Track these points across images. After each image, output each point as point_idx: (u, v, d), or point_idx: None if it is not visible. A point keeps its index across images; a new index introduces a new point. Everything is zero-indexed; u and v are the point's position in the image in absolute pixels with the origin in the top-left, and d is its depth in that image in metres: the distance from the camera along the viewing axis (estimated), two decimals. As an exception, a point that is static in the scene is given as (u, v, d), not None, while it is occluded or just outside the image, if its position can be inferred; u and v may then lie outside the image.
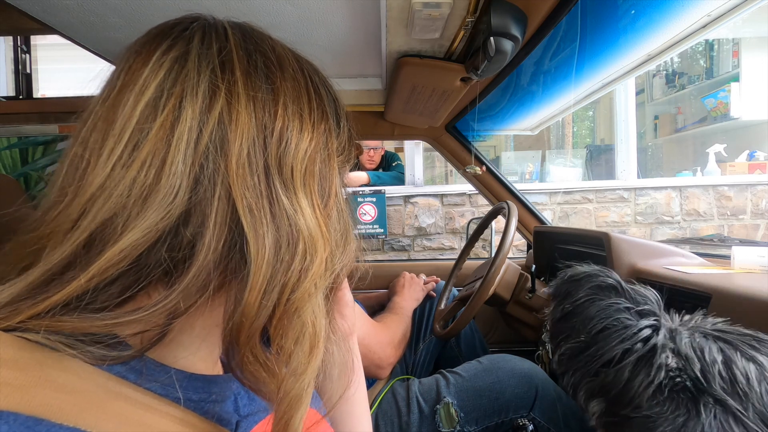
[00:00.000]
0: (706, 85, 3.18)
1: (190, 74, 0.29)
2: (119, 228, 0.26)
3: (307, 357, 0.30)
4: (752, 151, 2.89)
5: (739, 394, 0.33)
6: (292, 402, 0.28)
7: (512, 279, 1.12)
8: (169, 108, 0.28)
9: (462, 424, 0.85)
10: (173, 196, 0.27)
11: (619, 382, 0.38)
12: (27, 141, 2.35)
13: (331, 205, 0.34)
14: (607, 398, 0.39)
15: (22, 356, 0.23)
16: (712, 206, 2.70)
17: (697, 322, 0.42)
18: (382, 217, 2.39)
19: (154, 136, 0.27)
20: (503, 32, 0.62)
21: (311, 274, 0.30)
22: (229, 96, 0.29)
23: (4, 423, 0.20)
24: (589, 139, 3.70)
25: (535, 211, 1.44)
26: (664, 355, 0.37)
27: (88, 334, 0.26)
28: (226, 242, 0.28)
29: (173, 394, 0.29)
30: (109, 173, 0.27)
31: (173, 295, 0.27)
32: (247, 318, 0.28)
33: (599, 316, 0.42)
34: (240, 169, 0.28)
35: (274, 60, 0.33)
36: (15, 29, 1.49)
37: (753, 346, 0.36)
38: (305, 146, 0.31)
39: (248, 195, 0.28)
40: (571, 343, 0.45)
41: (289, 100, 0.31)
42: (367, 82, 1.10)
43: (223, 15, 0.35)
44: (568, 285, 0.49)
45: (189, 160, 0.27)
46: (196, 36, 0.31)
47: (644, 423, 0.35)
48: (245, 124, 0.29)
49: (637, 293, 0.45)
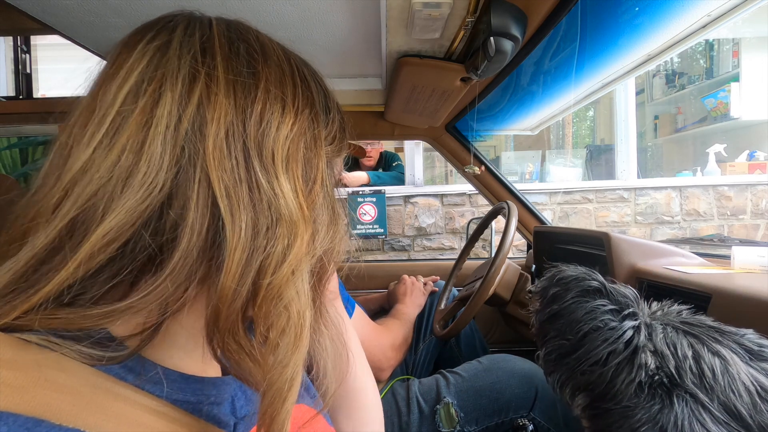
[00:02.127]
0: (706, 85, 3.18)
1: (171, 60, 0.29)
2: (101, 209, 0.26)
3: (291, 347, 0.29)
4: (752, 151, 2.89)
5: (706, 387, 0.36)
6: (276, 395, 0.28)
7: (512, 279, 1.12)
8: (149, 92, 0.28)
9: (462, 424, 0.85)
10: (153, 177, 0.27)
11: (604, 381, 0.41)
12: (27, 141, 2.35)
13: (317, 191, 0.34)
14: (591, 394, 0.42)
15: (21, 357, 0.23)
16: (712, 206, 2.70)
17: (666, 313, 0.45)
18: (382, 217, 2.39)
19: (134, 120, 0.27)
20: (503, 32, 0.62)
21: (291, 256, 0.30)
22: (208, 80, 0.29)
23: (4, 424, 0.20)
24: (589, 139, 3.70)
25: (535, 211, 1.44)
26: (643, 355, 0.40)
27: (83, 330, 0.26)
28: (210, 226, 0.28)
29: (171, 395, 0.29)
30: (90, 156, 0.27)
31: (160, 280, 0.27)
32: (224, 301, 0.27)
33: (585, 320, 0.45)
34: (217, 151, 0.28)
35: (257, 48, 0.33)
36: (15, 29, 1.49)
37: (716, 339, 0.39)
38: (287, 130, 0.31)
39: (225, 177, 0.28)
40: (558, 344, 0.47)
41: (271, 85, 0.31)
42: (367, 82, 1.10)
43: (223, 15, 0.35)
44: (555, 287, 0.51)
45: (169, 143, 0.28)
46: (180, 26, 0.31)
47: (623, 412, 0.38)
48: (223, 107, 0.29)
49: (618, 293, 0.47)
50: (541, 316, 0.51)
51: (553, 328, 0.48)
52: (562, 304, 0.48)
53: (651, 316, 0.44)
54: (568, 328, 0.46)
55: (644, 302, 0.47)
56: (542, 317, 0.50)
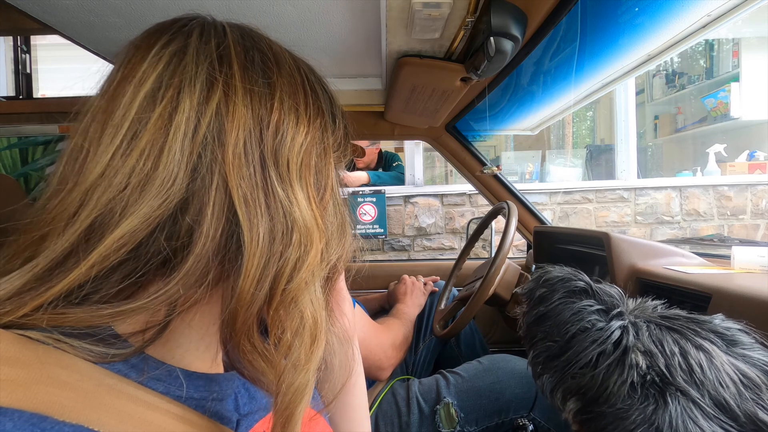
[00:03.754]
0: (706, 85, 3.18)
1: (188, 67, 0.29)
2: (118, 215, 0.26)
3: (308, 349, 0.30)
4: (752, 151, 2.89)
5: (696, 383, 0.36)
6: (296, 395, 0.29)
7: (512, 279, 1.12)
8: (167, 98, 0.28)
9: (462, 424, 0.85)
10: (170, 183, 0.27)
11: (596, 384, 0.40)
12: (27, 141, 2.35)
13: (327, 198, 0.35)
14: (583, 398, 0.41)
15: (24, 354, 0.23)
16: (712, 206, 2.70)
17: (643, 309, 0.44)
18: (382, 217, 2.39)
19: (153, 125, 0.28)
20: (503, 32, 0.62)
21: (307, 264, 0.30)
22: (226, 88, 0.30)
23: (9, 420, 0.20)
24: (589, 139, 3.70)
25: (535, 211, 1.44)
26: (633, 355, 0.39)
27: (91, 327, 0.26)
28: (224, 232, 0.28)
29: (174, 392, 0.29)
30: (108, 162, 0.27)
31: (173, 283, 0.27)
32: (242, 305, 0.28)
33: (572, 321, 0.44)
34: (236, 159, 0.29)
35: (271, 57, 0.33)
36: (15, 29, 1.50)
37: (696, 331, 0.39)
38: (301, 140, 0.32)
39: (244, 185, 0.29)
40: (545, 346, 0.46)
41: (285, 95, 0.32)
42: (367, 82, 1.10)
43: (223, 15, 0.35)
44: (541, 288, 0.50)
45: (187, 149, 0.28)
46: (195, 32, 0.31)
47: (617, 414, 0.38)
48: (242, 116, 0.29)
49: (604, 293, 0.46)
50: (528, 318, 0.50)
51: (540, 330, 0.48)
52: (548, 305, 0.48)
53: (632, 314, 0.44)
54: (556, 330, 0.45)
55: (625, 299, 0.46)
56: (529, 319, 0.50)
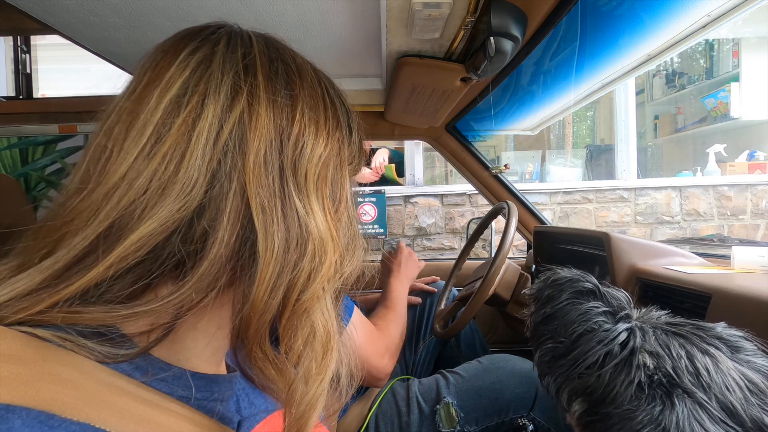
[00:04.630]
0: (706, 85, 3.17)
1: (214, 74, 0.30)
2: (137, 217, 0.27)
3: (320, 361, 0.31)
4: (752, 151, 2.89)
5: (703, 386, 0.36)
6: (309, 407, 0.29)
7: (512, 279, 1.12)
8: (192, 105, 0.29)
9: (462, 424, 0.85)
10: (190, 188, 0.28)
11: (602, 383, 0.40)
12: (27, 141, 2.35)
13: (342, 211, 0.35)
14: (590, 398, 0.42)
15: (26, 351, 0.23)
16: (712, 206, 2.70)
17: (649, 317, 0.45)
18: (382, 217, 2.39)
19: (176, 130, 0.28)
20: (503, 32, 0.62)
21: (320, 276, 0.31)
22: (250, 97, 0.30)
23: (17, 417, 0.20)
24: (589, 139, 3.70)
25: (535, 211, 1.44)
26: (641, 356, 0.39)
27: (101, 326, 0.26)
28: (238, 238, 0.29)
29: (178, 392, 0.29)
30: (131, 164, 0.28)
31: (186, 286, 0.28)
32: (255, 312, 0.29)
33: (579, 321, 0.45)
34: (256, 168, 0.29)
35: (294, 69, 0.34)
36: (15, 29, 1.49)
37: (701, 337, 0.40)
38: (320, 152, 0.33)
39: (262, 193, 0.29)
40: (552, 346, 0.47)
41: (306, 107, 0.33)
42: (367, 82, 1.10)
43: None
44: (549, 289, 0.51)
45: (208, 155, 0.28)
46: (222, 40, 0.32)
47: (624, 415, 0.38)
48: (264, 126, 0.30)
49: (611, 296, 0.47)
50: (535, 318, 0.51)
51: (547, 330, 0.48)
52: (555, 305, 0.48)
53: (638, 320, 0.44)
54: (563, 330, 0.46)
55: (634, 307, 0.47)
56: (536, 319, 0.51)
